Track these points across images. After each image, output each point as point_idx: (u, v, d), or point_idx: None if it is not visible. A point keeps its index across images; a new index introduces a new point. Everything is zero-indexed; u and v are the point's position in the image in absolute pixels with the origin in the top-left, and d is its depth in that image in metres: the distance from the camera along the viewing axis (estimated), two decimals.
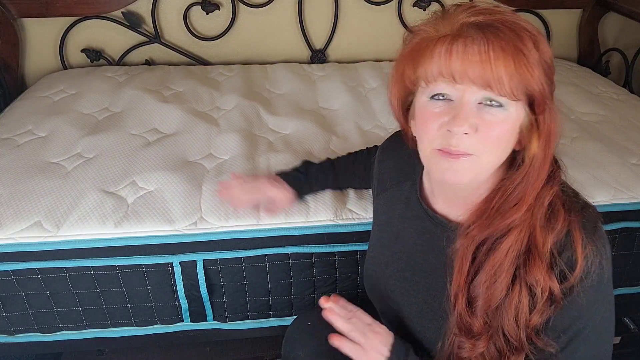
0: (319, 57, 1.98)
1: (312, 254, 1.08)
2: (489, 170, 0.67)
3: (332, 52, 2.01)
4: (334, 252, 1.09)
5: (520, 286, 0.66)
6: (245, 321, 1.16)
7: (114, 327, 1.13)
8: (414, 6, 1.96)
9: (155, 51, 1.89)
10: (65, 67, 1.84)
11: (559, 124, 0.66)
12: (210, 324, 1.16)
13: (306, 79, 1.78)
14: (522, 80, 0.61)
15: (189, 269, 1.05)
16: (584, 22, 2.10)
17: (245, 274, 1.08)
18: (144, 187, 1.14)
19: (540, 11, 2.07)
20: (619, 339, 1.40)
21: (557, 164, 0.71)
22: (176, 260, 1.04)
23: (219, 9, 1.84)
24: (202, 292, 1.07)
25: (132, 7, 1.81)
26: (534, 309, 0.65)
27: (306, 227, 1.08)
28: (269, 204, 1.06)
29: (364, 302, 0.98)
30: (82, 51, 1.84)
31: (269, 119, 1.48)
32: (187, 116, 1.43)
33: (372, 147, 1.08)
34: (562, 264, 0.65)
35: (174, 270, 1.05)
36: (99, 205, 1.07)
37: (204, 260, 1.05)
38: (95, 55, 1.84)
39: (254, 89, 1.68)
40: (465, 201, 0.72)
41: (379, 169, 0.94)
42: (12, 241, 1.02)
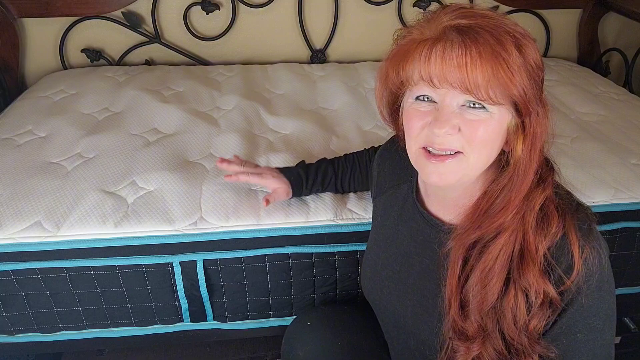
0: (319, 57, 1.98)
1: (312, 254, 1.08)
2: (476, 170, 0.67)
3: (332, 52, 2.01)
4: (334, 252, 1.09)
5: (515, 290, 0.65)
6: (245, 321, 1.16)
7: (114, 327, 1.13)
8: (414, 6, 1.96)
9: (155, 51, 1.90)
10: (65, 67, 1.84)
11: (547, 128, 0.65)
12: (210, 324, 1.16)
13: (306, 79, 1.78)
14: (500, 85, 0.60)
15: (189, 269, 1.05)
16: (584, 22, 2.10)
17: (245, 274, 1.08)
18: (144, 187, 1.14)
19: (540, 11, 2.07)
20: (619, 339, 1.40)
21: (549, 166, 0.70)
22: (176, 260, 1.04)
23: (219, 9, 1.84)
24: (202, 292, 1.07)
25: (132, 7, 1.81)
26: (532, 312, 0.65)
27: (306, 227, 1.08)
28: (269, 195, 1.05)
29: (364, 303, 0.98)
30: (82, 51, 1.84)
31: (269, 119, 1.48)
32: (187, 116, 1.43)
33: (371, 148, 1.08)
34: (559, 268, 0.64)
35: (174, 270, 1.05)
36: (99, 205, 1.07)
37: (204, 260, 1.05)
38: (95, 55, 1.84)
39: (254, 89, 1.68)
40: (456, 203, 0.72)
41: (377, 171, 0.94)
42: (12, 241, 1.02)
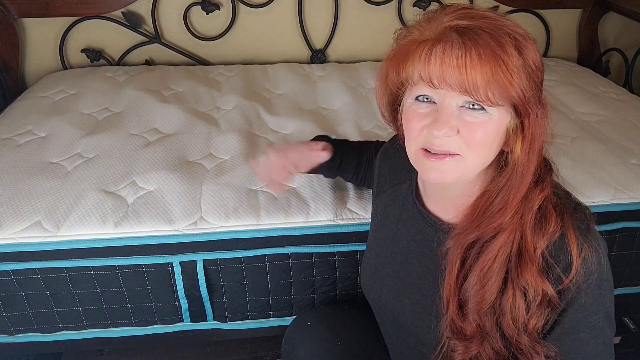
0: (319, 57, 1.98)
1: (312, 254, 1.08)
2: (474, 170, 0.67)
3: (332, 52, 2.01)
4: (334, 252, 1.09)
5: (513, 289, 0.66)
6: (245, 321, 1.16)
7: (114, 327, 1.13)
8: (414, 6, 1.96)
9: (155, 51, 1.90)
10: (65, 67, 1.84)
11: (546, 129, 0.65)
12: (210, 324, 1.16)
13: (306, 79, 1.78)
14: (499, 86, 0.60)
15: (189, 269, 1.05)
16: (584, 22, 2.10)
17: (245, 274, 1.08)
18: (144, 187, 1.14)
19: (540, 11, 2.07)
20: (619, 339, 1.40)
21: (548, 166, 0.70)
22: (176, 260, 1.04)
23: (219, 9, 1.84)
24: (202, 292, 1.07)
25: (132, 7, 1.81)
26: (529, 311, 0.65)
27: (306, 227, 1.08)
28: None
29: (364, 303, 0.98)
30: (82, 51, 1.84)
31: (269, 119, 1.48)
32: (187, 116, 1.43)
33: (379, 143, 1.05)
34: (558, 267, 0.64)
35: (173, 270, 1.05)
36: (99, 205, 1.07)
37: (204, 260, 1.05)
38: (95, 55, 1.84)
39: (254, 89, 1.68)
40: (455, 202, 0.72)
41: (379, 170, 0.94)
42: (12, 241, 1.02)
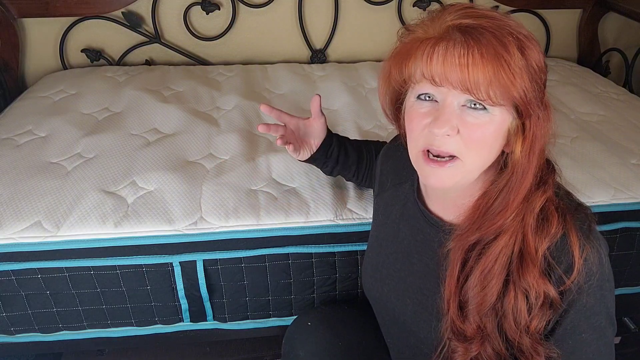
0: (319, 57, 1.98)
1: (312, 254, 1.08)
2: (474, 172, 0.67)
3: (332, 52, 2.01)
4: (334, 252, 1.09)
5: (515, 291, 0.65)
6: (245, 321, 1.16)
7: (114, 327, 1.13)
8: (414, 6, 1.96)
9: (155, 51, 1.90)
10: (65, 67, 1.84)
11: (548, 130, 0.65)
12: (210, 324, 1.16)
13: (306, 79, 1.78)
14: (501, 86, 0.60)
15: (189, 269, 1.05)
16: (584, 22, 2.10)
17: (245, 274, 1.08)
18: (144, 187, 1.14)
19: (540, 11, 2.07)
20: (619, 339, 1.41)
21: (550, 168, 0.70)
22: (176, 260, 1.04)
23: (219, 9, 1.84)
24: (202, 292, 1.07)
25: (132, 7, 1.81)
26: (531, 312, 0.65)
27: (306, 227, 1.08)
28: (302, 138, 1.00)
29: (364, 303, 0.98)
30: (82, 51, 1.84)
31: (269, 120, 1.47)
32: (187, 116, 1.43)
33: (380, 143, 1.06)
34: (559, 268, 0.64)
35: (173, 270, 1.05)
36: (99, 205, 1.07)
37: (204, 260, 1.05)
38: (95, 55, 1.84)
39: (254, 89, 1.68)
40: (455, 203, 0.72)
41: (381, 169, 0.94)
42: (12, 241, 1.02)
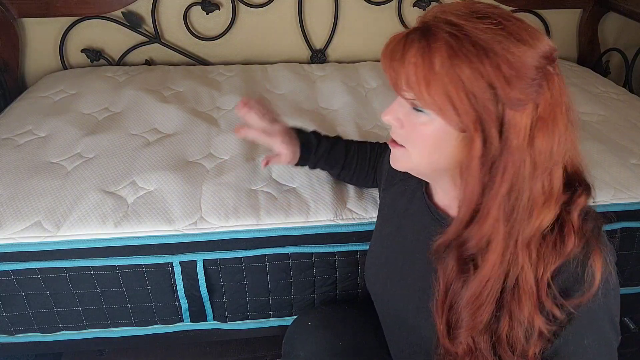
0: (319, 57, 1.98)
1: (312, 254, 1.08)
2: (425, 166, 0.68)
3: (332, 52, 2.01)
4: (334, 252, 1.09)
5: (510, 319, 0.63)
6: (245, 321, 1.16)
7: (114, 327, 1.13)
8: (414, 6, 1.96)
9: (155, 51, 1.90)
10: (65, 67, 1.85)
11: (523, 164, 0.58)
12: (210, 324, 1.16)
13: (306, 79, 1.78)
14: (419, 91, 0.59)
15: (189, 269, 1.05)
16: (584, 22, 2.10)
17: (245, 274, 1.08)
18: (144, 187, 1.14)
19: (540, 11, 2.07)
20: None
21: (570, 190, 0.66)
22: (176, 260, 1.04)
23: (219, 9, 1.84)
24: (202, 292, 1.07)
25: (132, 7, 1.81)
26: (529, 340, 0.63)
27: (306, 227, 1.08)
28: (273, 156, 1.02)
29: (364, 303, 0.98)
30: (82, 51, 1.84)
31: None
32: (187, 116, 1.43)
33: (383, 143, 1.06)
34: (572, 297, 0.62)
35: (173, 270, 1.05)
36: (99, 205, 1.07)
37: (204, 260, 1.05)
38: (95, 55, 1.84)
39: (254, 89, 1.68)
40: (450, 195, 0.73)
41: (388, 164, 0.93)
42: (12, 241, 1.02)
